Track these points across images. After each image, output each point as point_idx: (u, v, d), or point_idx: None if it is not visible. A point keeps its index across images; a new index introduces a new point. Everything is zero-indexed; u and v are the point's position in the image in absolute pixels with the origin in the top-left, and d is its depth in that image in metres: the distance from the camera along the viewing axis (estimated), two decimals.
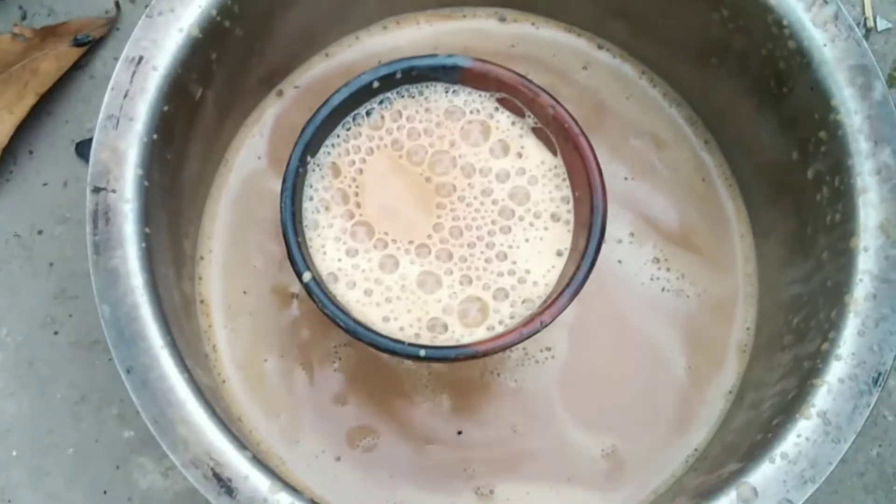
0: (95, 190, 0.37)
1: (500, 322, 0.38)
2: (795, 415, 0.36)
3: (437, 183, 0.39)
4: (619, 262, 0.45)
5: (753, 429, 0.38)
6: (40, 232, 0.49)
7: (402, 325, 0.38)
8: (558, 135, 0.39)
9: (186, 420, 0.35)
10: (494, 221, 0.39)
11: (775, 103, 0.41)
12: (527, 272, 0.39)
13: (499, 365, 0.44)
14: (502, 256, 0.39)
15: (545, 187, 0.39)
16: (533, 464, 0.43)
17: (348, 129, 0.40)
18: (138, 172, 0.37)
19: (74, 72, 0.50)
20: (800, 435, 0.35)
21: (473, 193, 0.39)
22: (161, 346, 0.36)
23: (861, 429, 0.36)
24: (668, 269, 0.45)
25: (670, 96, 0.47)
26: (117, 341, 0.36)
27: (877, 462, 0.48)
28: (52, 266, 0.48)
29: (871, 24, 0.52)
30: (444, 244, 0.39)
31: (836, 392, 0.36)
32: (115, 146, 0.37)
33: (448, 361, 0.37)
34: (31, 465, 0.46)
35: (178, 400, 0.35)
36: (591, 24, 0.47)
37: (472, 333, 0.38)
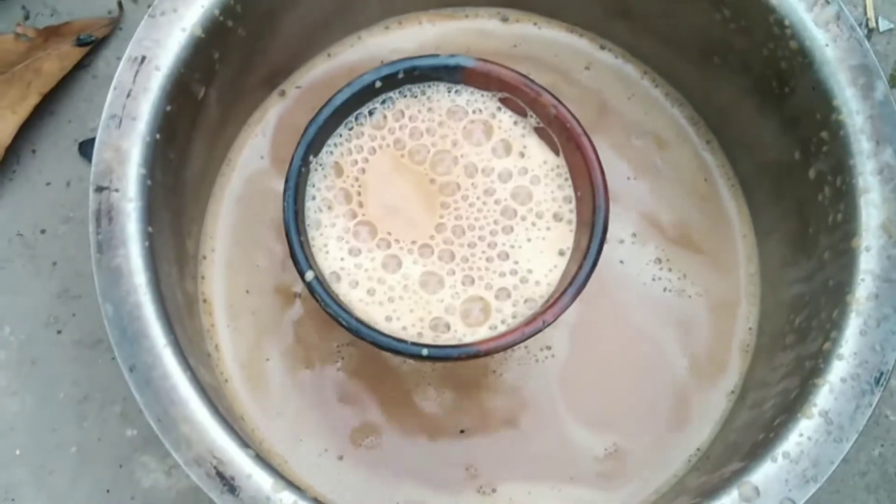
0: (98, 189, 0.37)
1: (503, 321, 0.38)
2: (797, 414, 0.36)
3: (441, 183, 0.39)
4: (621, 262, 0.45)
5: (755, 428, 0.38)
6: (43, 231, 0.49)
7: (404, 324, 0.38)
8: (560, 134, 0.39)
9: (189, 418, 0.35)
10: (497, 221, 0.39)
11: (777, 103, 0.41)
12: (529, 272, 0.39)
13: (501, 364, 0.44)
14: (504, 256, 0.39)
15: (547, 187, 0.39)
16: (535, 463, 0.43)
17: (351, 129, 0.40)
18: (141, 172, 0.37)
19: (77, 71, 0.50)
20: (802, 434, 0.35)
21: (476, 193, 0.39)
22: (164, 345, 0.36)
23: (863, 428, 0.36)
24: (670, 270, 0.45)
25: (672, 96, 0.47)
26: (120, 340, 0.36)
27: (879, 462, 0.48)
28: (55, 265, 0.48)
29: (872, 24, 0.52)
30: (447, 244, 0.39)
31: (838, 391, 0.36)
32: (117, 145, 0.37)
33: (450, 360, 0.37)
34: (35, 463, 0.46)
35: (181, 398, 0.35)
36: (594, 24, 0.47)
37: (474, 333, 0.38)
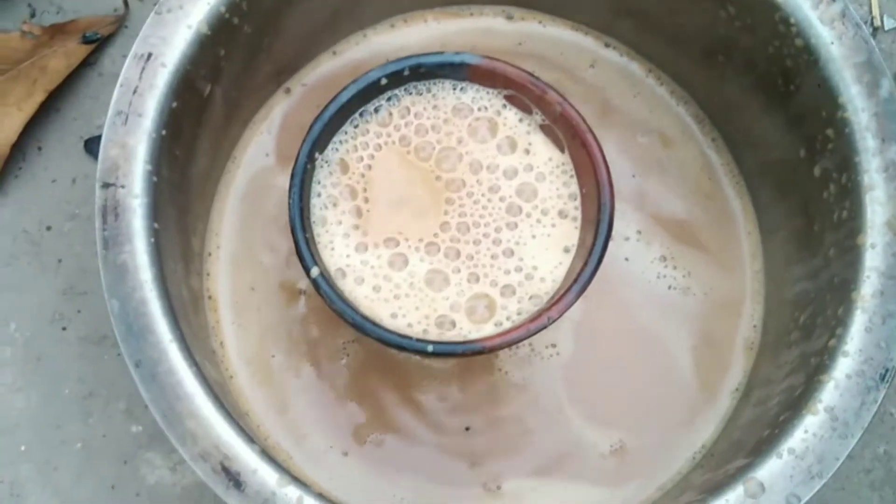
0: (104, 185, 0.37)
1: (508, 318, 0.38)
2: (803, 411, 0.36)
3: (446, 179, 0.39)
4: (626, 259, 0.45)
5: (760, 425, 0.38)
6: (49, 228, 0.49)
7: (410, 321, 0.38)
8: (566, 132, 0.39)
9: (195, 414, 0.35)
10: (502, 218, 0.39)
11: (782, 101, 0.41)
12: (534, 269, 0.39)
13: (505, 362, 0.44)
14: (509, 253, 0.39)
15: (553, 184, 0.39)
16: (540, 459, 0.43)
17: (356, 126, 0.40)
18: (147, 168, 0.37)
19: (83, 69, 0.51)
20: (807, 431, 0.35)
21: (481, 190, 0.39)
22: (170, 341, 0.36)
23: (868, 426, 0.36)
24: (674, 267, 0.45)
25: (677, 94, 0.47)
26: (126, 336, 0.36)
27: (884, 459, 0.47)
28: (61, 262, 0.49)
29: (878, 22, 0.52)
30: (453, 242, 0.39)
31: (843, 388, 0.36)
32: (123, 142, 0.37)
33: (455, 356, 0.37)
34: (40, 459, 0.47)
35: (187, 394, 0.35)
36: (599, 22, 0.47)
37: (479, 330, 0.38)
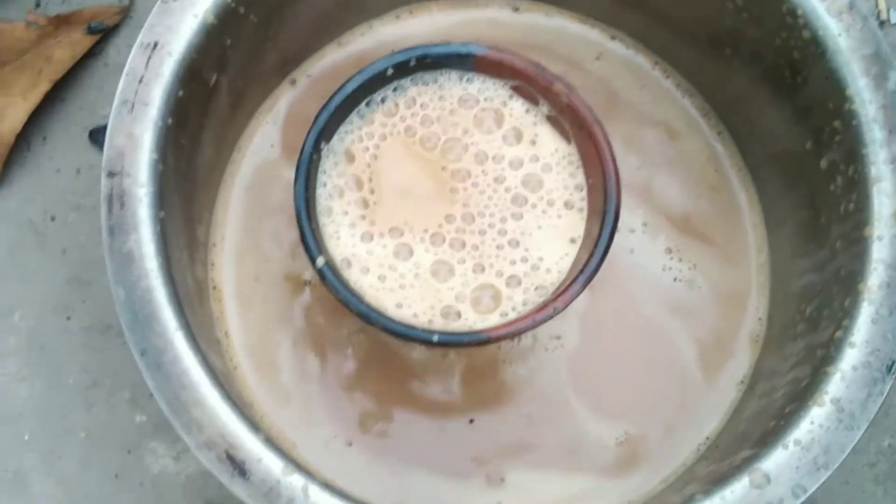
0: (110, 174, 0.37)
1: (513, 309, 0.38)
2: (809, 402, 0.36)
3: (452, 170, 0.39)
4: (632, 251, 0.45)
5: (766, 417, 0.38)
6: (53, 218, 0.49)
7: (415, 311, 0.38)
8: (572, 122, 0.39)
9: (200, 402, 0.35)
10: (507, 209, 0.39)
11: (789, 93, 0.41)
12: (540, 259, 0.39)
13: (510, 354, 0.44)
14: (514, 244, 0.39)
15: (559, 175, 0.39)
16: (544, 451, 0.43)
17: (362, 116, 0.40)
18: (153, 157, 0.37)
19: (88, 60, 0.50)
20: (813, 422, 0.35)
21: (487, 181, 0.39)
22: (175, 329, 0.36)
23: (873, 419, 0.36)
24: (680, 260, 0.45)
25: (683, 87, 0.47)
26: (131, 324, 0.36)
27: (888, 453, 0.47)
28: (65, 252, 0.49)
29: (884, 16, 0.52)
30: (458, 233, 0.39)
31: (849, 380, 0.36)
32: (129, 131, 0.37)
33: (461, 347, 0.37)
34: (44, 448, 0.47)
35: (192, 382, 0.35)
36: (605, 14, 0.47)
37: (485, 320, 0.38)
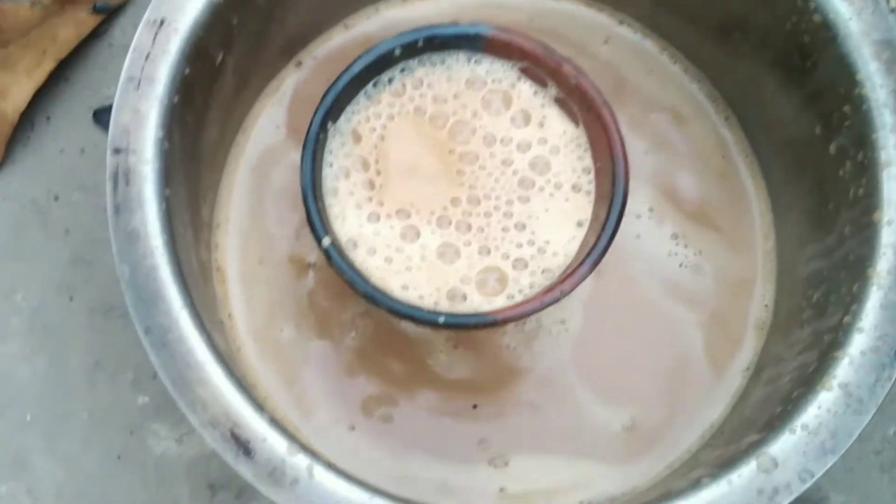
0: (116, 151, 0.37)
1: (520, 291, 0.38)
2: (816, 387, 0.36)
3: (459, 153, 0.39)
4: (638, 236, 0.45)
5: (772, 402, 0.38)
6: (57, 198, 0.49)
7: (421, 293, 0.38)
8: (581, 105, 0.39)
9: (205, 381, 0.35)
10: (514, 191, 0.39)
11: (799, 78, 0.41)
12: (547, 242, 0.38)
13: (515, 338, 0.44)
14: (521, 227, 0.38)
15: (567, 158, 0.39)
16: (548, 436, 0.43)
17: (369, 97, 0.39)
18: (159, 134, 0.37)
19: (93, 39, 0.50)
20: (820, 406, 0.35)
21: (494, 163, 0.39)
22: (180, 307, 0.35)
23: (880, 404, 0.36)
24: (686, 246, 0.45)
25: (691, 72, 0.47)
26: (136, 302, 0.35)
27: (893, 441, 0.47)
28: (68, 232, 0.48)
29: (893, 4, 0.52)
30: (464, 216, 0.38)
31: (857, 364, 0.36)
32: (136, 108, 0.37)
33: (467, 329, 0.37)
34: (46, 429, 0.46)
35: (197, 361, 0.35)
36: None
37: (491, 302, 0.38)
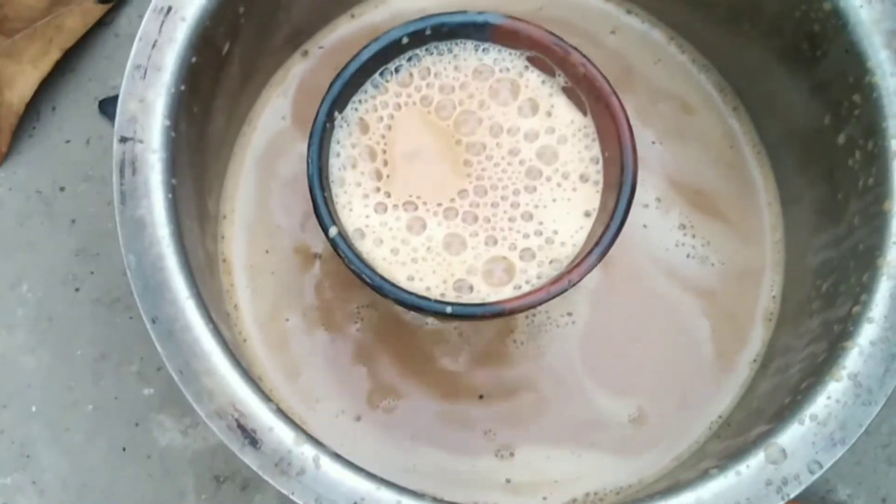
0: (122, 140, 0.36)
1: (527, 282, 0.38)
2: (826, 377, 0.35)
3: (466, 143, 0.39)
4: (645, 226, 0.44)
5: (780, 393, 0.38)
6: (62, 189, 0.49)
7: (427, 285, 0.38)
8: (589, 94, 0.39)
9: (211, 371, 0.35)
10: (521, 181, 0.38)
11: (808, 67, 0.41)
12: (554, 233, 0.38)
13: (521, 330, 0.43)
14: (528, 217, 0.38)
15: (574, 147, 0.39)
16: (555, 428, 0.42)
17: (376, 86, 0.39)
18: (166, 123, 0.37)
19: (99, 29, 0.50)
20: (830, 397, 0.35)
21: (501, 153, 0.39)
22: (187, 297, 0.35)
23: (887, 399, 0.36)
24: (693, 236, 0.44)
25: (699, 62, 0.47)
26: (143, 291, 0.35)
27: None
28: (74, 223, 0.48)
29: None
30: (471, 207, 0.38)
31: (867, 354, 0.35)
32: (142, 96, 0.37)
33: (474, 319, 0.37)
34: (51, 420, 0.46)
35: (204, 351, 0.35)
36: None
37: (498, 293, 0.37)
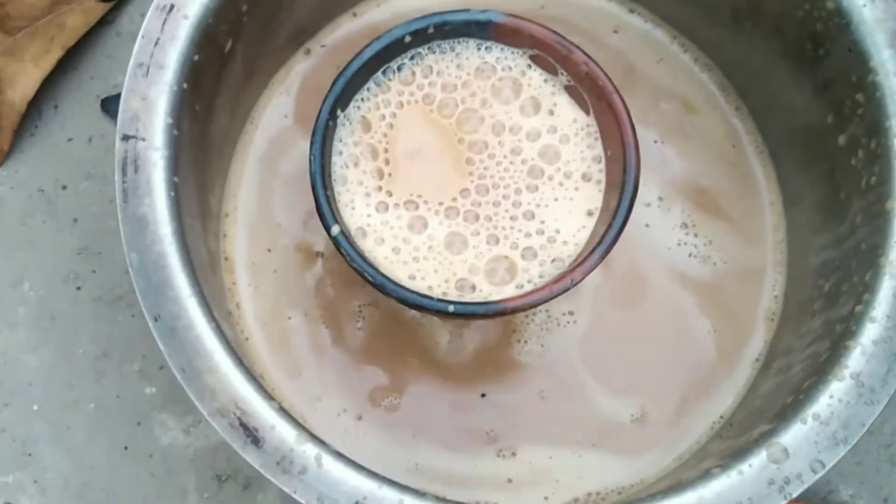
0: (125, 138, 0.36)
1: (529, 281, 0.38)
2: (828, 376, 0.35)
3: (468, 142, 0.39)
4: (647, 225, 0.44)
5: (783, 393, 0.38)
6: (64, 187, 0.49)
7: (429, 284, 0.37)
8: (591, 93, 0.39)
9: (214, 369, 0.35)
10: (522, 180, 0.38)
11: (811, 66, 0.41)
12: (556, 232, 0.38)
13: (522, 329, 0.43)
14: (529, 216, 0.38)
15: (577, 146, 0.39)
16: (556, 427, 0.42)
17: (378, 84, 0.39)
18: (168, 121, 0.37)
19: (101, 28, 0.50)
20: (832, 396, 0.35)
21: (503, 152, 0.39)
22: (189, 295, 0.35)
23: (888, 400, 0.36)
24: (695, 235, 0.44)
25: (702, 62, 0.47)
26: (145, 289, 0.35)
27: None
28: (76, 221, 0.48)
29: None
30: (473, 206, 0.38)
31: (870, 354, 0.35)
32: (145, 94, 0.37)
33: (476, 318, 0.36)
34: (52, 419, 0.46)
35: (206, 349, 0.35)
36: None
37: (500, 292, 0.37)
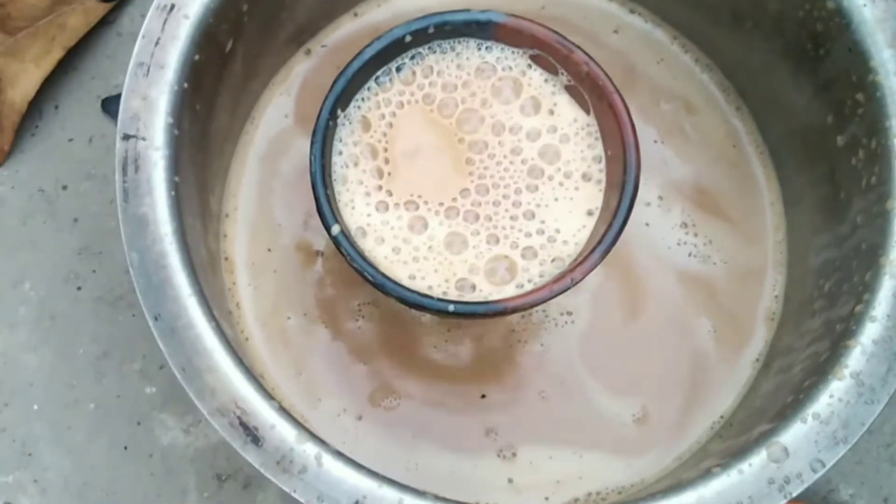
0: (125, 137, 0.36)
1: (530, 280, 0.38)
2: (828, 376, 0.35)
3: (469, 142, 0.39)
4: (647, 225, 0.44)
5: (783, 392, 0.38)
6: (65, 187, 0.49)
7: (430, 284, 0.38)
8: (592, 93, 0.39)
9: (214, 369, 0.35)
10: (522, 180, 0.38)
11: (811, 66, 0.41)
12: (557, 231, 0.38)
13: (522, 329, 0.43)
14: (529, 215, 0.38)
15: (577, 146, 0.39)
16: (556, 427, 0.42)
17: (379, 84, 0.39)
18: (168, 121, 0.37)
19: (102, 28, 0.50)
20: (832, 396, 0.35)
21: (503, 152, 0.39)
22: (189, 295, 0.35)
23: (888, 399, 0.35)
24: (695, 235, 0.44)
25: (702, 62, 0.47)
26: (145, 289, 0.35)
27: None
28: (77, 221, 0.48)
29: None
30: (473, 206, 0.38)
31: (870, 353, 0.35)
32: (145, 94, 0.37)
33: (477, 317, 0.36)
34: (53, 419, 0.46)
35: (206, 349, 0.35)
36: None
37: (500, 291, 0.37)
